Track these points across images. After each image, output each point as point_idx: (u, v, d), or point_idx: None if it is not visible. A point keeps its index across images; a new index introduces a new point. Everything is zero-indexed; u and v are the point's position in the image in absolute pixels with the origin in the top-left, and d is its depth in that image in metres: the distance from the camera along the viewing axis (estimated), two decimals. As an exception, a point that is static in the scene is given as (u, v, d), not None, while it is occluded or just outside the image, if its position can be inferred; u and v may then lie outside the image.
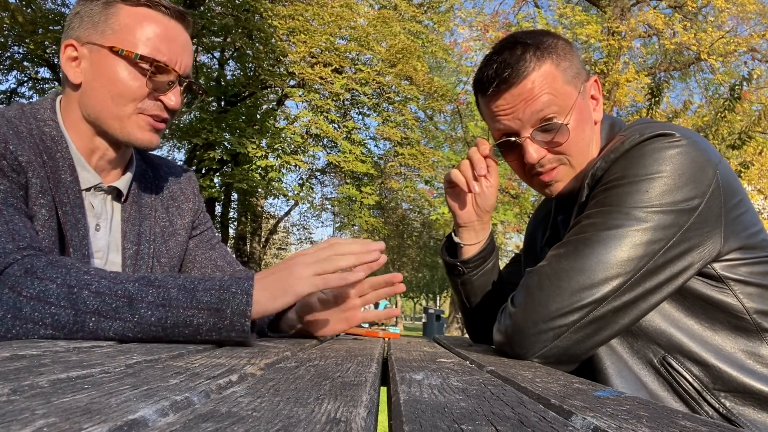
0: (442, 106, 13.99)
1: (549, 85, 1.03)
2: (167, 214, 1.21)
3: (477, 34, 15.34)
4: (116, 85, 1.00)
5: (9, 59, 12.04)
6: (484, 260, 1.23)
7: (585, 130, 1.06)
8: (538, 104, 1.03)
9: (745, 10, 13.06)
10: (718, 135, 8.51)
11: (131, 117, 1.02)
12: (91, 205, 1.06)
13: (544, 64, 1.03)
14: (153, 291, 0.77)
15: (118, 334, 0.76)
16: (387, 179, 15.40)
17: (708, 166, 0.91)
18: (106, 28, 1.01)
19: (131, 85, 1.01)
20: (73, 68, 1.02)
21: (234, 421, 0.32)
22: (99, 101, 1.01)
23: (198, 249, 1.27)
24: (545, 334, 0.89)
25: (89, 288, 0.76)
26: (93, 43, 1.01)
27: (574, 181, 1.08)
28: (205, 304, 0.77)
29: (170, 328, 0.76)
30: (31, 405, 0.32)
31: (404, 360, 0.78)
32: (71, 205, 0.99)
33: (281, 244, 22.45)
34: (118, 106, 1.01)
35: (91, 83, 1.01)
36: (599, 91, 1.11)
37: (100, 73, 1.01)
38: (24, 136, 0.94)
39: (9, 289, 0.75)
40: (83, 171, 1.04)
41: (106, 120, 1.02)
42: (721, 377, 0.92)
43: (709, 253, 0.92)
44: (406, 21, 12.72)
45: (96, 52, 1.01)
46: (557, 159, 1.06)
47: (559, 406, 0.46)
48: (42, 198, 0.93)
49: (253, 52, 11.77)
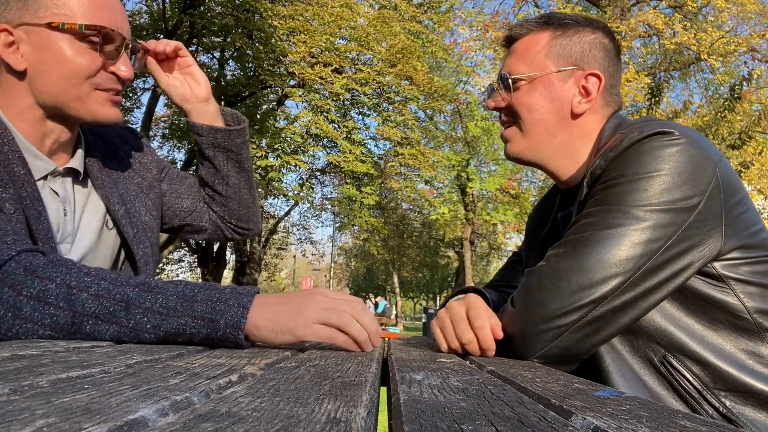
0: (442, 106, 13.99)
1: (530, 48, 1.12)
2: (135, 171, 1.21)
3: (477, 34, 15.36)
4: (68, 64, 0.95)
5: None
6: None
7: (542, 105, 1.10)
8: (512, 58, 1.14)
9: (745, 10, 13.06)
10: (718, 135, 8.51)
11: (90, 95, 0.98)
12: (55, 192, 1.02)
13: (542, 33, 1.12)
14: (151, 297, 0.76)
15: (114, 337, 0.76)
16: (387, 179, 15.40)
17: (707, 165, 0.91)
18: (38, 6, 0.93)
19: (83, 60, 0.95)
20: (12, 54, 0.94)
21: (234, 421, 0.32)
22: (53, 84, 0.95)
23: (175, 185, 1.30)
24: (545, 334, 0.89)
25: (88, 290, 0.75)
26: (28, 24, 0.93)
27: (540, 158, 1.14)
28: (200, 313, 0.75)
29: (164, 336, 0.76)
30: (31, 405, 0.32)
31: (404, 360, 0.78)
32: (30, 198, 0.94)
33: (281, 244, 22.46)
34: (74, 86, 0.96)
35: (39, 67, 0.95)
36: (598, 90, 1.09)
37: (47, 54, 0.94)
38: None
39: (9, 288, 0.75)
40: (35, 160, 0.98)
41: (65, 102, 0.97)
42: (722, 376, 0.92)
43: (709, 252, 0.92)
44: (406, 21, 12.72)
45: (35, 33, 0.94)
46: (510, 118, 1.15)
47: (559, 406, 0.46)
48: (4, 192, 0.90)
49: (253, 52, 11.77)
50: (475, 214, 17.19)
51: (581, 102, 1.10)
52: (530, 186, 17.48)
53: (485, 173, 16.53)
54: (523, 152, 1.15)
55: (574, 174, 1.13)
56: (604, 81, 1.09)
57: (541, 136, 1.11)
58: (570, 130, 1.11)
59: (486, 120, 15.09)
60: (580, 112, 1.10)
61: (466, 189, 16.66)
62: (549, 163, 1.14)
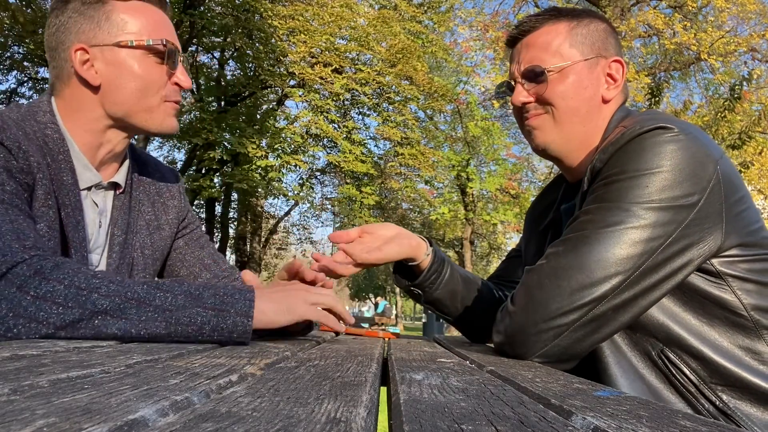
0: (442, 106, 14.00)
1: (552, 40, 1.11)
2: (153, 208, 1.23)
3: (477, 34, 15.36)
4: (141, 78, 1.04)
5: (9, 59, 12.04)
6: (438, 274, 1.25)
7: (578, 92, 1.09)
8: (532, 51, 1.12)
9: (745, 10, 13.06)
10: (718, 135, 8.50)
11: (159, 106, 1.07)
12: (95, 203, 1.08)
13: (558, 24, 1.12)
14: (161, 294, 0.80)
15: (121, 330, 0.77)
16: (387, 179, 15.40)
17: (708, 162, 0.91)
18: (109, 27, 1.03)
19: (153, 74, 1.05)
20: (89, 71, 1.03)
21: (234, 421, 0.32)
22: (126, 96, 1.04)
23: (187, 248, 1.30)
24: (545, 333, 0.89)
25: (98, 291, 0.77)
26: (101, 44, 1.03)
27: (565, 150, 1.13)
28: (210, 304, 0.81)
29: (174, 326, 0.78)
30: (31, 405, 0.32)
31: (404, 360, 0.78)
32: (72, 207, 1.00)
33: (281, 244, 22.45)
34: (146, 97, 1.05)
35: (114, 81, 1.04)
36: (622, 75, 1.12)
37: (121, 70, 1.03)
38: (31, 138, 0.96)
39: (17, 289, 0.76)
40: (84, 171, 1.05)
41: (135, 113, 1.06)
42: (719, 371, 0.92)
43: (708, 249, 0.91)
44: (406, 21, 12.72)
45: (108, 51, 1.03)
46: (543, 108, 1.12)
47: (559, 406, 0.46)
48: (49, 199, 0.95)
49: (253, 52, 11.77)
50: (475, 214, 17.19)
51: (610, 88, 1.11)
52: (530, 186, 17.47)
53: (485, 173, 16.53)
54: (555, 141, 1.12)
55: (583, 166, 1.13)
56: (625, 66, 1.12)
57: (574, 124, 1.10)
58: (596, 119, 1.11)
59: (486, 120, 15.09)
60: (610, 98, 1.11)
61: (466, 189, 16.66)
62: (570, 155, 1.13)
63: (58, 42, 1.04)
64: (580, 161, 1.13)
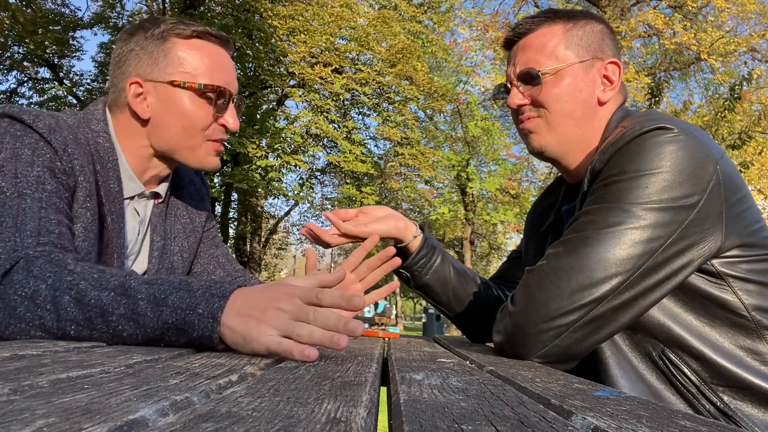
0: (442, 106, 14.00)
1: (547, 42, 1.11)
2: (187, 212, 1.27)
3: (477, 34, 15.37)
4: (188, 118, 1.07)
5: (9, 59, 12.05)
6: (428, 259, 1.30)
7: (573, 95, 1.09)
8: (528, 53, 1.12)
9: (745, 10, 13.07)
10: (718, 135, 8.50)
11: (202, 145, 1.10)
12: (137, 212, 1.12)
13: (554, 25, 1.12)
14: (125, 302, 0.73)
15: (101, 341, 0.75)
16: (387, 179, 15.40)
17: (708, 162, 0.91)
18: (166, 64, 1.06)
19: (200, 115, 1.08)
20: (140, 104, 1.07)
21: (234, 421, 0.32)
22: (171, 134, 1.08)
23: (204, 246, 1.33)
24: (545, 334, 0.89)
25: (69, 293, 0.74)
26: (156, 80, 1.06)
27: (562, 151, 1.13)
28: (171, 324, 0.71)
29: (145, 344, 0.73)
30: (31, 405, 0.32)
31: (404, 360, 0.78)
32: (116, 214, 1.05)
33: (281, 244, 22.45)
34: (191, 137, 1.09)
35: (162, 117, 1.08)
36: (619, 77, 1.11)
37: (170, 108, 1.07)
38: (81, 143, 1.00)
39: (10, 287, 0.76)
40: (129, 181, 1.10)
41: (178, 150, 1.10)
42: (720, 372, 0.92)
43: (709, 250, 0.91)
44: (406, 21, 12.72)
45: (161, 88, 1.07)
46: (536, 111, 1.12)
47: (559, 406, 0.46)
48: (88, 202, 0.98)
49: (253, 52, 11.77)
50: (475, 214, 17.20)
51: (606, 90, 1.11)
52: (530, 186, 17.48)
53: (485, 173, 16.54)
54: (551, 144, 1.13)
55: (582, 166, 1.13)
56: (621, 68, 1.12)
57: (569, 126, 1.11)
58: (593, 120, 1.11)
59: (486, 120, 15.09)
60: (606, 100, 1.11)
61: (466, 189, 16.67)
62: (568, 157, 1.13)
63: (118, 71, 1.09)
64: (578, 162, 1.13)
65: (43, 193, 0.89)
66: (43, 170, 0.91)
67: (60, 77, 12.95)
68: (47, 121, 0.95)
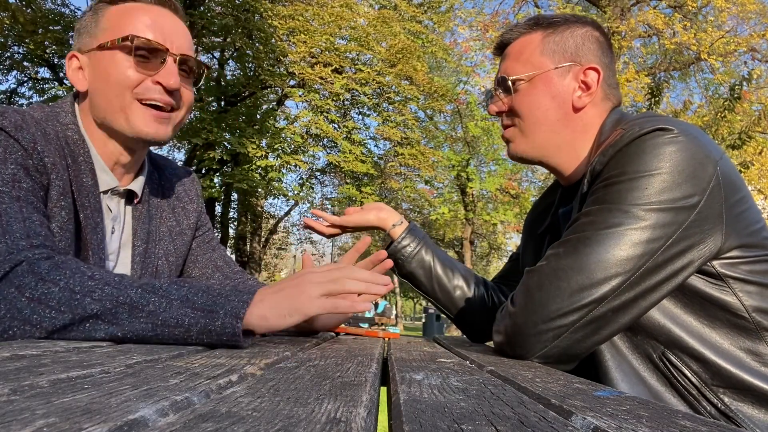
0: (442, 106, 13.99)
1: (523, 49, 1.14)
2: (173, 214, 1.24)
3: (477, 34, 15.37)
4: (111, 76, 1.01)
5: (9, 59, 12.04)
6: (411, 248, 1.37)
7: (543, 101, 1.11)
8: (507, 61, 1.16)
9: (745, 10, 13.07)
10: (718, 135, 8.50)
11: (132, 106, 1.02)
12: (109, 208, 1.08)
13: (533, 33, 1.14)
14: (155, 299, 0.76)
15: (109, 335, 0.76)
16: (387, 179, 15.40)
17: (708, 163, 0.91)
18: (97, 32, 1.04)
19: (123, 70, 1.01)
20: (78, 78, 1.05)
21: (234, 421, 0.32)
22: (103, 99, 1.03)
23: (200, 249, 1.30)
24: (545, 334, 0.89)
25: (92, 295, 0.76)
26: (90, 50, 1.04)
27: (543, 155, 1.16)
28: (199, 305, 0.76)
29: (160, 327, 0.75)
30: (31, 405, 0.32)
31: (404, 360, 0.78)
32: (91, 209, 1.01)
33: (281, 244, 22.45)
34: (117, 96, 1.01)
35: (93, 85, 1.04)
36: (597, 83, 1.10)
37: (98, 72, 1.03)
38: (51, 138, 0.96)
39: (15, 289, 0.76)
40: (103, 173, 1.05)
41: (112, 116, 1.02)
42: (720, 374, 0.92)
43: (709, 251, 0.91)
44: (406, 21, 12.72)
45: (92, 56, 1.04)
46: (511, 119, 1.16)
47: (559, 406, 0.46)
48: (63, 200, 0.95)
49: (253, 52, 11.77)
50: (475, 214, 17.20)
51: (582, 96, 1.10)
52: (530, 186, 17.48)
53: (485, 173, 16.54)
54: (527, 151, 1.15)
55: (576, 169, 1.13)
56: (602, 73, 1.10)
57: (543, 133, 1.12)
58: (572, 125, 1.11)
59: (486, 120, 15.10)
60: (581, 106, 1.10)
61: (466, 189, 16.67)
62: (552, 159, 1.15)
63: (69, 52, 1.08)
64: (569, 165, 1.13)
65: (21, 191, 0.87)
66: (17, 168, 0.88)
67: (60, 77, 12.95)
68: (13, 119, 0.91)
